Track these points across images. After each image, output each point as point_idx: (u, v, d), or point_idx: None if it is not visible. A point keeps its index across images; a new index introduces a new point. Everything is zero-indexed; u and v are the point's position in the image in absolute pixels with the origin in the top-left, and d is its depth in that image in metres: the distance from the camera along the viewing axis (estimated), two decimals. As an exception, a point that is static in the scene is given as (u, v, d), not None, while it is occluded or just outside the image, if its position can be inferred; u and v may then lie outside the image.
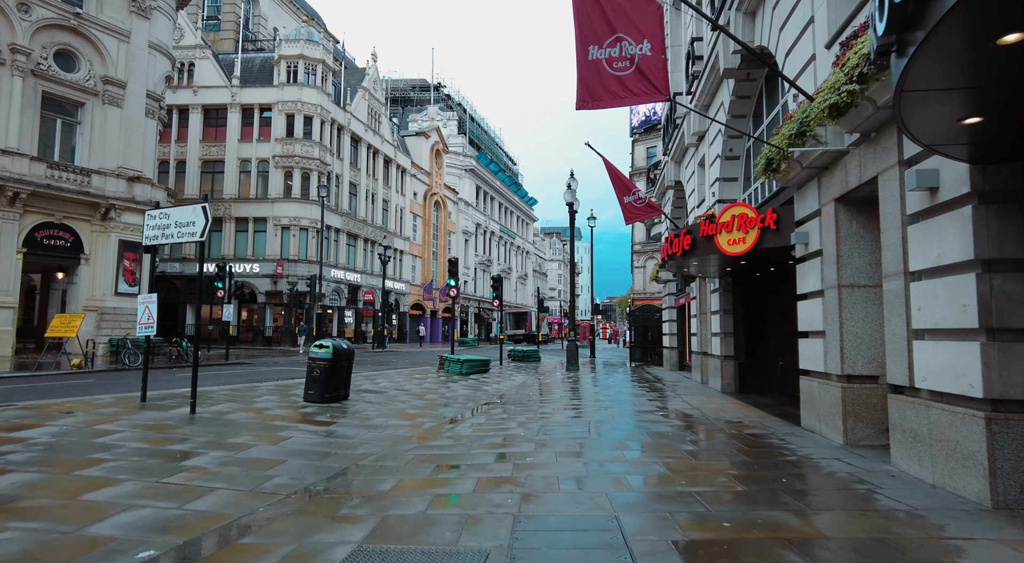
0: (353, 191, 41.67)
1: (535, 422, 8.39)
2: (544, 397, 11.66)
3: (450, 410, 9.92)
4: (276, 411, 8.80)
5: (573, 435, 7.28)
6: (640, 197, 14.47)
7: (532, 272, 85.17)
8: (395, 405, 10.21)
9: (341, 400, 10.16)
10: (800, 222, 7.61)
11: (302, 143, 36.15)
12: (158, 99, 25.11)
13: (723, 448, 6.31)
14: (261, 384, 12.43)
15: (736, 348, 12.27)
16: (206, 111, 37.13)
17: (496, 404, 10.60)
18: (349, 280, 40.27)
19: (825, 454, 5.86)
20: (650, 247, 49.02)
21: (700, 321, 14.77)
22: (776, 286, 11.87)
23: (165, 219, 8.45)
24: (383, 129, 45.61)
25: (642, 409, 9.77)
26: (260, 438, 6.76)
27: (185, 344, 19.93)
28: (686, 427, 7.84)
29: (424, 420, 8.79)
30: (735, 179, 12.43)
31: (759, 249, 8.16)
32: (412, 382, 14.05)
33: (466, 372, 16.42)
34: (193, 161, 36.62)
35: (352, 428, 7.82)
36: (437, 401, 11.09)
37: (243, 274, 35.55)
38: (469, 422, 8.56)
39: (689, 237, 9.21)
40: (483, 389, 13.40)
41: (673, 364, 20.48)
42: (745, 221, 8.17)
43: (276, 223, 35.86)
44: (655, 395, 12.05)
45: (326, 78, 37.96)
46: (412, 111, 65.20)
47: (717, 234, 8.60)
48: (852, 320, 6.30)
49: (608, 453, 6.17)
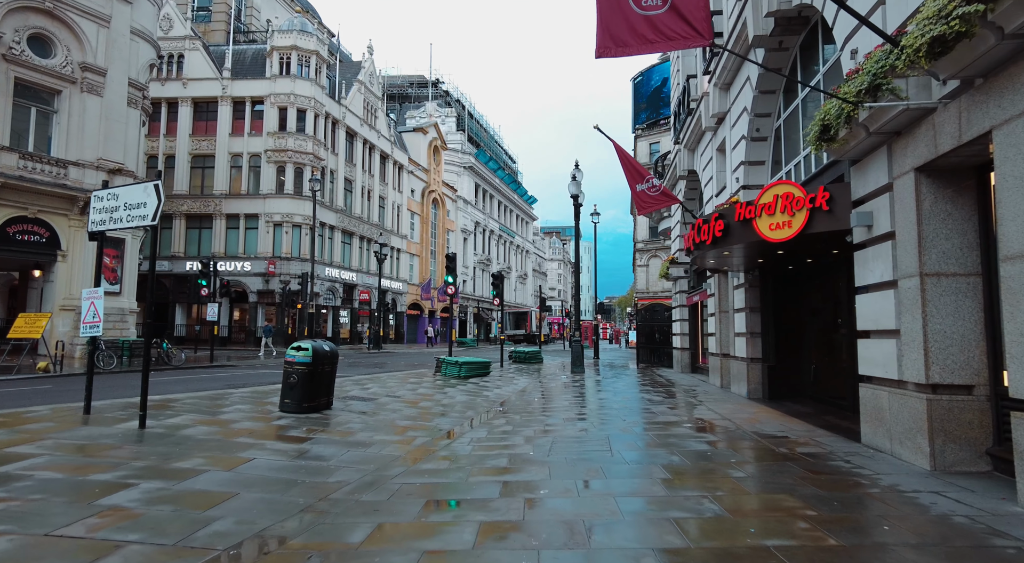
0: (348, 187, 40.47)
1: (543, 437, 7.20)
2: (550, 405, 10.48)
3: (447, 421, 8.73)
4: (244, 424, 7.60)
5: (590, 455, 6.09)
6: (654, 184, 13.28)
7: (532, 271, 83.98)
8: (384, 415, 9.01)
9: (322, 410, 8.96)
10: (859, 201, 6.42)
11: (295, 137, 34.95)
12: (141, 88, 23.89)
13: (781, 475, 5.12)
14: (238, 390, 11.23)
15: (764, 350, 11.09)
16: (196, 104, 35.91)
17: (498, 413, 9.40)
18: (344, 279, 39.07)
19: (917, 484, 4.67)
20: (653, 245, 47.91)
21: (719, 320, 13.58)
22: (809, 280, 10.69)
23: (113, 200, 7.26)
24: (379, 124, 44.41)
25: (664, 420, 8.58)
26: (214, 461, 5.56)
27: (166, 345, 18.71)
28: (723, 444, 6.65)
29: (416, 434, 7.60)
30: (762, 163, 11.25)
31: (807, 234, 6.97)
32: (406, 387, 12.86)
33: (465, 375, 15.23)
34: (182, 156, 35.40)
35: (330, 446, 6.63)
36: (432, 410, 9.89)
37: (234, 272, 34.35)
38: (468, 437, 7.37)
39: (722, 222, 8.01)
40: (483, 395, 12.22)
41: (685, 366, 19.29)
42: (791, 202, 6.98)
43: (268, 220, 34.67)
44: (674, 402, 10.86)
45: (320, 70, 36.77)
46: (410, 107, 63.96)
47: (756, 218, 7.41)
48: (939, 316, 5.12)
49: (638, 483, 4.98)
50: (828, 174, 8.04)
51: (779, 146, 10.86)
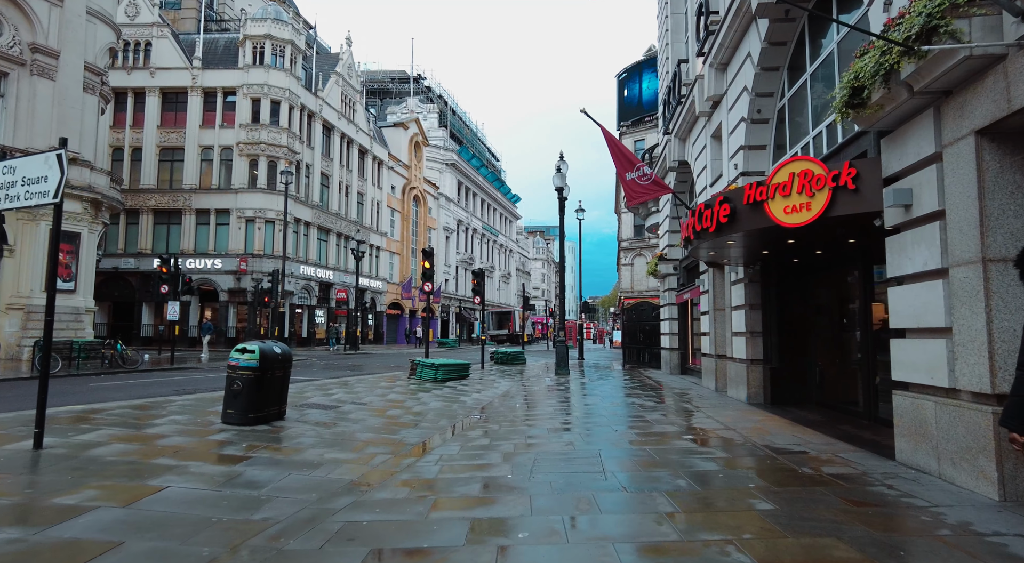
0: (325, 182, 39.13)
1: (525, 453, 6.18)
2: (533, 412, 9.46)
3: (415, 434, 7.67)
4: (172, 440, 6.47)
5: (579, 479, 5.09)
6: (646, 173, 12.32)
7: (516, 271, 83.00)
8: (344, 426, 7.92)
9: (273, 420, 7.85)
10: (893, 178, 5.49)
11: (269, 129, 33.59)
12: (100, 73, 22.46)
13: (816, 506, 4.15)
14: (184, 397, 10.06)
15: (766, 350, 10.18)
16: (164, 95, 34.37)
17: (475, 423, 8.37)
18: (320, 277, 37.74)
19: (994, 523, 3.72)
20: (639, 244, 47.13)
21: (714, 318, 12.68)
22: (815, 274, 9.80)
23: (10, 175, 6.10)
24: (358, 118, 43.09)
25: (660, 430, 7.61)
26: (111, 494, 4.46)
27: (121, 347, 17.37)
28: (735, 463, 5.68)
29: (377, 451, 6.53)
30: (763, 147, 10.34)
31: (827, 218, 6.04)
32: (375, 392, 11.76)
33: (441, 378, 14.16)
34: (150, 148, 33.83)
35: (270, 467, 5.54)
36: (401, 418, 8.82)
37: (204, 270, 32.92)
38: (437, 453, 6.32)
39: (728, 206, 7.05)
40: (460, 400, 11.17)
41: (674, 367, 18.40)
42: (810, 180, 6.04)
43: (240, 215, 33.26)
44: (668, 408, 9.91)
45: (295, 61, 35.41)
46: (391, 103, 62.62)
47: (768, 200, 6.46)
48: (1009, 311, 4.19)
49: (640, 521, 3.98)
50: (842, 155, 7.13)
51: (782, 129, 9.96)
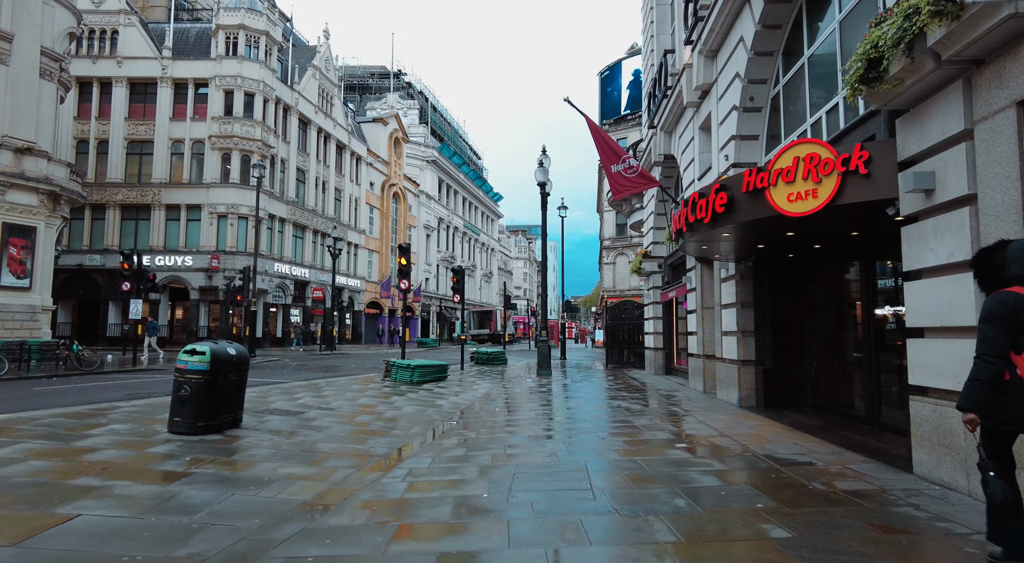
0: (301, 178, 38.08)
1: (503, 466, 5.57)
2: (514, 417, 8.84)
3: (384, 443, 7.00)
4: (104, 454, 5.72)
5: (564, 499, 4.48)
6: (632, 165, 11.78)
7: (497, 270, 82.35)
8: (306, 435, 7.22)
9: (227, 429, 7.12)
10: (910, 161, 4.97)
11: (242, 122, 32.49)
12: (58, 59, 21.33)
13: (839, 533, 3.59)
14: (132, 402, 9.25)
15: (759, 351, 9.67)
16: (132, 85, 33.06)
17: (451, 430, 7.73)
18: (296, 275, 36.69)
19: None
20: (621, 242, 46.83)
21: (702, 317, 12.18)
22: (811, 270, 9.32)
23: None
24: (336, 112, 42.08)
25: (650, 437, 7.04)
26: (3, 525, 3.73)
27: (77, 347, 16.36)
28: (737, 477, 5.12)
29: (339, 464, 5.86)
30: (755, 137, 9.83)
31: (835, 207, 5.50)
32: (345, 396, 11.04)
33: (418, 380, 13.47)
34: (117, 141, 32.51)
35: (212, 487, 4.84)
36: (370, 426, 8.14)
37: (174, 268, 31.75)
38: (407, 466, 5.68)
39: (725, 195, 6.48)
40: (436, 404, 10.51)
41: (658, 367, 17.91)
42: (817, 165, 5.50)
43: (212, 211, 32.11)
44: (656, 412, 9.36)
45: (270, 52, 34.34)
46: (370, 99, 61.55)
47: (770, 187, 5.91)
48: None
49: (640, 555, 3.38)
50: (845, 142, 6.62)
51: (776, 118, 9.46)
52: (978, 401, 2.98)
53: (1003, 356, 2.99)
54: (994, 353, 2.98)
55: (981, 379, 2.98)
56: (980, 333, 3.06)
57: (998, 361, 2.98)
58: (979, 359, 3.02)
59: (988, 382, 2.98)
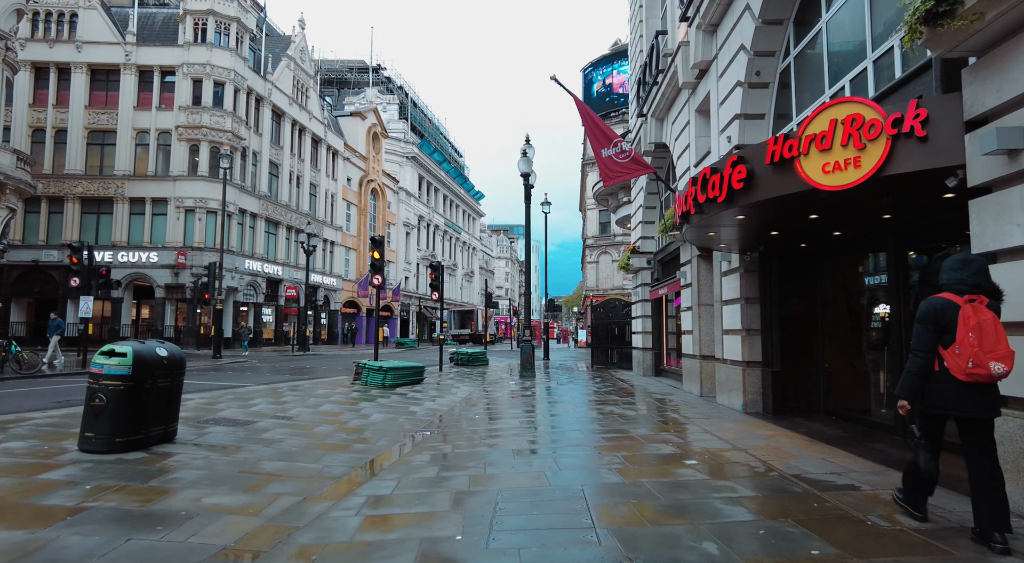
0: (274, 171, 36.62)
1: (483, 492, 4.56)
2: (496, 426, 7.83)
3: (342, 461, 5.93)
4: (-18, 482, 4.59)
5: (560, 541, 3.50)
6: (624, 150, 10.84)
7: (479, 269, 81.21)
8: (251, 452, 6.12)
9: (155, 445, 6.00)
10: (981, 119, 4.06)
11: (211, 113, 31.00)
12: (4, 37, 19.80)
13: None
14: (47, 413, 8.03)
15: (765, 351, 8.77)
16: (93, 72, 31.35)
17: (424, 442, 6.68)
18: (268, 273, 35.21)
19: None
20: (604, 241, 46.06)
21: (699, 315, 11.29)
22: (824, 261, 8.45)
23: None
24: (311, 105, 40.65)
25: (654, 452, 6.07)
26: None
27: (15, 348, 14.94)
28: (771, 507, 4.16)
29: (283, 490, 4.80)
30: (761, 116, 8.94)
31: (883, 178, 4.58)
32: (307, 402, 9.92)
33: (391, 384, 12.38)
34: (76, 130, 30.78)
35: (103, 528, 3.75)
36: (329, 438, 7.06)
37: (138, 264, 30.17)
38: (365, 493, 4.64)
39: (743, 167, 5.53)
40: (410, 411, 9.45)
41: (647, 368, 17.01)
42: (861, 127, 4.57)
43: (179, 205, 30.58)
44: (655, 421, 8.41)
45: (242, 40, 32.87)
46: (349, 93, 60.04)
47: (801, 156, 4.97)
48: None
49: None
50: (895, 96, 5.71)
51: (785, 94, 8.58)
52: (911, 390, 3.52)
53: (932, 351, 3.49)
54: (924, 348, 3.51)
55: (913, 371, 3.52)
56: (914, 332, 3.57)
57: (926, 355, 3.50)
58: (912, 354, 3.55)
59: (919, 373, 3.50)
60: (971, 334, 3.30)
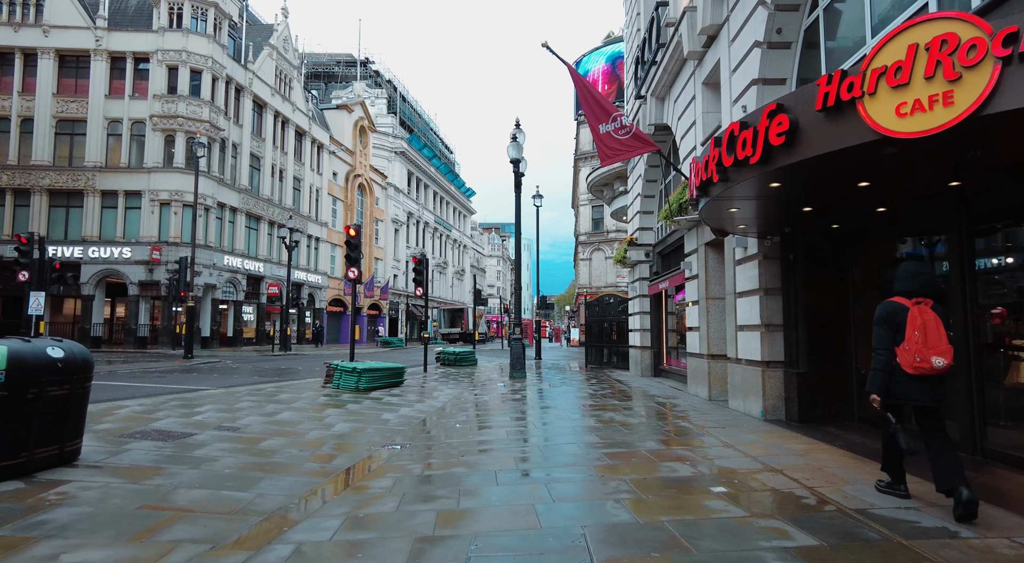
0: (256, 164, 35.22)
1: (453, 538, 3.39)
2: (479, 438, 6.65)
3: (281, 488, 4.73)
4: None
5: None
6: (624, 125, 9.68)
7: (470, 267, 79.91)
8: (169, 477, 4.90)
9: (42, 470, 4.77)
10: None
11: (187, 102, 29.60)
12: (-45, 14, 18.36)
13: None
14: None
15: (789, 350, 7.65)
16: (62, 58, 29.86)
17: (389, 461, 5.49)
18: (248, 269, 33.83)
19: None
20: (597, 238, 44.99)
21: (706, 310, 10.16)
22: (854, 246, 7.33)
23: None
24: (295, 96, 39.26)
25: (669, 474, 4.93)
26: None
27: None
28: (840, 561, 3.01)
29: (185, 535, 3.59)
30: (782, 81, 7.81)
31: (986, 117, 3.43)
32: (265, 409, 8.68)
33: (365, 387, 11.17)
34: (44, 118, 29.28)
35: None
36: (276, 455, 5.85)
37: (110, 260, 28.76)
38: (293, 540, 3.46)
39: (785, 117, 4.36)
40: (382, 419, 8.26)
41: (645, 368, 15.89)
42: (955, 51, 3.42)
43: (154, 198, 29.17)
44: (664, 431, 7.26)
45: (220, 26, 31.45)
46: (336, 87, 58.68)
47: (866, 95, 3.82)
48: None
49: None
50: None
51: (812, 55, 7.45)
52: (878, 385, 3.94)
53: (891, 348, 3.91)
54: (884, 347, 3.93)
55: (878, 367, 3.95)
56: (874, 333, 4.01)
57: (887, 353, 3.91)
58: (874, 352, 3.99)
59: (883, 369, 3.93)
60: (916, 333, 3.74)
